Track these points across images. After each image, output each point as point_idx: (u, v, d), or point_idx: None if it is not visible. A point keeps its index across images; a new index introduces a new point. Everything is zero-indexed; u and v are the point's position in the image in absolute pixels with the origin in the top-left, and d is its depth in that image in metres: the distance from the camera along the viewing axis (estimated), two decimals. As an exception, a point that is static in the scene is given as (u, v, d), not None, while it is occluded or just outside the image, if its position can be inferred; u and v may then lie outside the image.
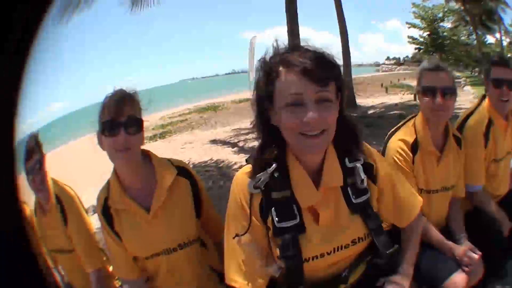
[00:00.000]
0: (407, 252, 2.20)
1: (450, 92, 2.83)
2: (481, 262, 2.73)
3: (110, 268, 2.90)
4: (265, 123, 1.88)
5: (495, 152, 3.38)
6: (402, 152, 2.90)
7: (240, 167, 2.04)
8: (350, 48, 18.93)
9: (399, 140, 2.95)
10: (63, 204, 2.87)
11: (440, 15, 40.82)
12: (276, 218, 1.85)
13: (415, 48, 44.05)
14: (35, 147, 2.80)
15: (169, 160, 2.57)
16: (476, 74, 38.88)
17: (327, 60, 1.77)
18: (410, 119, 3.11)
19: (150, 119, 24.06)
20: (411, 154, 2.91)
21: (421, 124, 2.96)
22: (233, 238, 1.90)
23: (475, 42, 39.81)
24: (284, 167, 1.88)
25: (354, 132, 1.99)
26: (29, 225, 2.97)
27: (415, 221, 2.22)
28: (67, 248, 2.94)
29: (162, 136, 18.35)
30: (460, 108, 3.57)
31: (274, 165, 1.84)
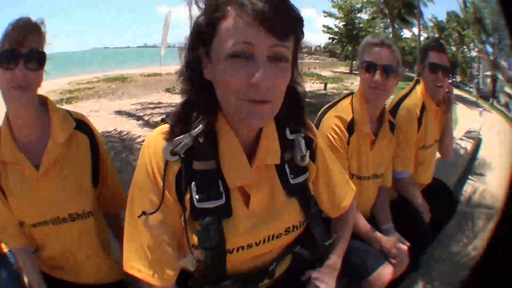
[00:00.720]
0: (336, 244, 1.91)
1: (391, 70, 2.67)
2: (408, 254, 2.70)
3: None
4: (195, 75, 1.44)
5: (425, 139, 3.36)
6: (337, 130, 2.70)
7: (144, 141, 1.56)
8: None
9: (335, 117, 2.74)
10: None
11: (359, 6, 41.62)
12: (196, 196, 1.43)
13: (329, 38, 44.65)
14: None
15: (68, 111, 2.21)
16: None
17: (289, 7, 1.33)
18: (346, 96, 2.93)
19: (58, 82, 23.41)
20: (347, 134, 2.72)
21: (358, 103, 2.79)
22: (139, 216, 1.46)
23: (390, 35, 40.70)
24: (213, 133, 1.47)
25: (300, 101, 1.61)
26: None
27: (348, 211, 1.93)
28: None
29: (68, 101, 17.88)
30: None
31: (200, 126, 1.41)
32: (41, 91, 2.09)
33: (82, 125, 2.20)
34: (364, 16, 42.82)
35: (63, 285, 2.25)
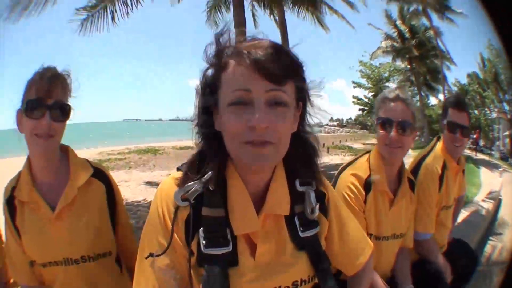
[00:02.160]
0: None
1: (407, 126, 2.57)
2: None
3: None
4: (206, 126, 1.50)
5: (447, 199, 3.23)
6: (354, 189, 2.62)
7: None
8: None
9: (351, 175, 2.67)
10: None
11: (386, 74, 42.00)
12: (204, 242, 1.43)
13: (359, 109, 45.01)
14: None
15: (87, 160, 2.33)
16: (417, 137, 40.23)
17: (285, 53, 1.41)
18: (364, 154, 2.87)
19: (89, 152, 23.79)
20: (363, 192, 2.62)
21: (375, 160, 2.72)
22: (146, 258, 1.49)
23: (418, 104, 40.92)
24: (222, 181, 1.50)
25: (311, 153, 1.63)
26: None
27: (364, 269, 1.84)
28: None
29: (98, 170, 17.95)
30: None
31: (210, 173, 1.46)
32: None
33: (100, 173, 2.28)
34: (392, 84, 43.14)
35: None
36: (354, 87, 43.54)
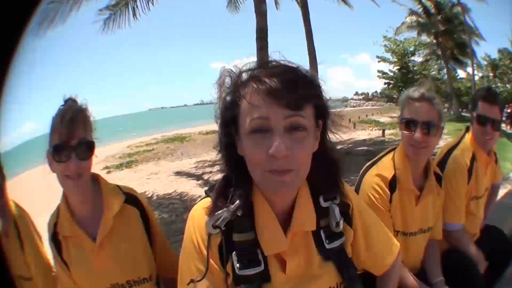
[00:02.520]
0: None
1: (431, 126, 2.54)
2: None
3: None
4: (230, 153, 1.56)
5: (477, 189, 3.19)
6: (378, 189, 2.64)
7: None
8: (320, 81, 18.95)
9: (376, 176, 2.69)
10: (19, 230, 2.53)
11: (412, 49, 41.26)
12: (237, 264, 1.53)
13: (385, 83, 44.36)
14: None
15: (118, 186, 2.38)
16: (446, 109, 39.63)
17: (302, 78, 1.45)
18: (388, 152, 2.86)
19: (117, 147, 23.95)
20: (388, 192, 2.65)
21: (400, 159, 2.71)
22: (187, 284, 1.57)
23: (445, 77, 40.23)
24: (249, 206, 1.56)
25: (335, 169, 1.68)
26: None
27: (392, 268, 1.94)
28: (26, 275, 2.58)
29: (128, 165, 18.18)
30: None
31: (237, 202, 1.52)
32: (101, 156, 2.20)
33: (131, 198, 2.34)
34: (418, 59, 42.44)
35: None
36: (379, 61, 42.86)
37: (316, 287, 1.63)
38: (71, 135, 2.06)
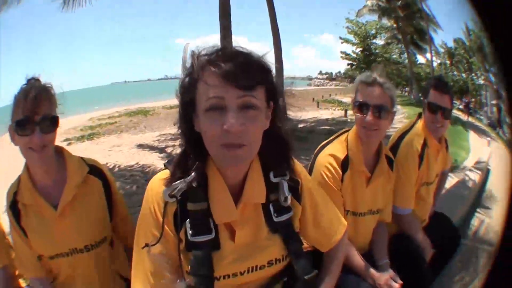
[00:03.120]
0: (325, 279, 2.05)
1: (383, 110, 2.62)
2: None
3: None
4: (188, 129, 1.70)
5: (427, 175, 3.29)
6: (331, 168, 2.71)
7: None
8: (283, 60, 18.90)
9: (329, 155, 2.76)
10: None
11: (373, 32, 41.53)
12: (190, 231, 1.69)
13: (348, 64, 44.54)
14: None
15: (82, 158, 2.50)
16: (406, 93, 39.79)
17: (254, 63, 1.58)
18: (342, 133, 2.92)
19: (79, 119, 23.60)
20: (340, 172, 2.73)
21: (353, 140, 2.78)
22: (142, 248, 1.74)
23: (406, 61, 40.54)
24: (204, 178, 1.72)
25: (285, 146, 1.83)
26: None
27: (337, 246, 2.09)
28: None
29: (90, 137, 18.08)
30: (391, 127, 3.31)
31: (193, 174, 1.67)
32: (62, 128, 2.27)
33: (95, 169, 2.48)
34: (380, 41, 42.73)
35: None
36: (342, 42, 43.07)
37: (262, 257, 1.79)
38: (35, 111, 2.13)
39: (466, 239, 4.14)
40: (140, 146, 14.59)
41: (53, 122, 2.23)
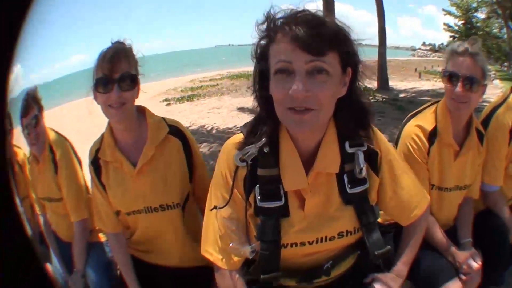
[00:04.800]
0: (404, 252, 2.02)
1: (473, 82, 2.49)
2: (480, 272, 2.52)
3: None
4: (261, 92, 1.69)
5: None
6: (417, 140, 2.62)
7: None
8: (388, 30, 18.48)
9: (416, 126, 2.66)
10: (55, 154, 2.93)
11: (475, 5, 39.94)
12: (259, 197, 1.72)
13: (450, 36, 43.12)
14: (31, 103, 2.85)
15: (163, 118, 2.55)
16: (505, 68, 37.96)
17: (328, 27, 1.52)
18: (432, 104, 2.80)
19: (180, 81, 23.90)
20: (427, 144, 2.62)
21: (442, 112, 2.66)
22: (211, 210, 1.83)
23: (505, 36, 38.68)
24: (276, 144, 1.72)
25: (362, 115, 1.77)
26: (21, 170, 3.15)
27: (418, 221, 2.01)
28: (55, 196, 3.00)
29: (189, 98, 18.24)
30: (487, 101, 3.22)
31: (264, 139, 1.67)
32: (162, 89, 2.39)
33: (176, 130, 2.51)
34: (481, 15, 41.06)
35: (151, 267, 2.61)
36: (445, 14, 41.72)
37: (332, 228, 1.78)
38: (113, 69, 2.22)
39: None
40: (240, 109, 14.62)
41: (132, 80, 2.30)
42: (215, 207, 1.81)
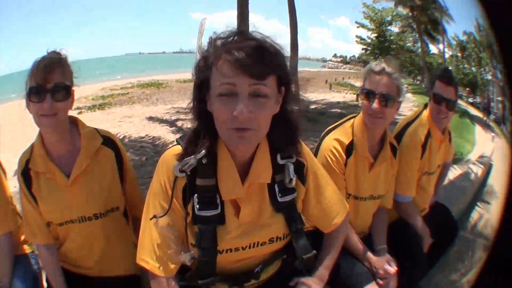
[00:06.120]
0: (325, 257, 2.16)
1: (389, 99, 2.64)
2: (396, 277, 2.66)
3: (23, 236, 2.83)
4: (200, 108, 1.77)
5: (429, 165, 3.33)
6: (335, 153, 2.74)
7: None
8: (298, 40, 18.76)
9: (334, 140, 2.78)
10: None
11: (389, 18, 41.27)
12: (197, 206, 1.81)
13: (362, 49, 44.23)
14: None
15: (96, 129, 2.58)
16: (418, 82, 39.54)
17: (268, 52, 1.62)
18: (349, 119, 2.94)
19: (91, 89, 23.58)
20: (344, 156, 2.76)
21: (359, 126, 2.80)
22: (151, 219, 1.86)
23: (419, 50, 40.32)
24: (214, 155, 1.81)
25: (293, 130, 1.90)
26: None
27: (338, 228, 2.18)
28: None
29: (101, 107, 18.21)
30: (400, 115, 3.33)
31: (203, 151, 1.76)
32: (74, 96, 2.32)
33: (108, 141, 2.56)
34: (395, 29, 42.53)
35: (81, 278, 2.61)
36: (358, 27, 42.80)
37: (264, 234, 1.91)
38: (47, 79, 2.22)
39: (464, 231, 4.17)
40: (151, 118, 14.62)
41: (65, 90, 2.30)
42: (154, 216, 1.84)
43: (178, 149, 1.85)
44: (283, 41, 1.69)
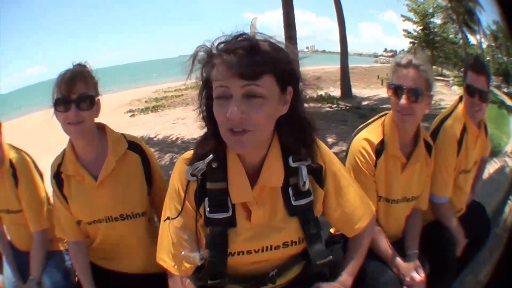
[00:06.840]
0: (349, 262, 2.15)
1: (418, 93, 2.53)
2: (424, 284, 2.58)
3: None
4: (208, 112, 1.83)
5: (466, 163, 3.15)
6: (364, 153, 2.68)
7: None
8: (350, 36, 18.39)
9: (363, 140, 2.72)
10: (15, 168, 3.04)
11: (430, 10, 40.43)
12: (208, 208, 1.87)
13: (410, 42, 43.45)
14: None
15: (123, 134, 2.76)
16: (462, 74, 38.56)
17: (260, 51, 1.63)
18: (381, 116, 2.84)
19: (144, 91, 23.76)
20: (374, 157, 2.69)
21: (390, 124, 2.71)
22: (164, 220, 2.00)
23: (460, 41, 39.31)
24: (224, 159, 1.87)
25: (305, 131, 1.89)
26: None
27: (362, 233, 2.16)
28: (14, 208, 3.11)
29: (154, 109, 18.35)
30: (445, 108, 3.29)
31: (211, 156, 1.81)
32: (125, 100, 2.52)
33: (134, 146, 2.73)
34: (438, 21, 41.58)
35: (111, 274, 2.82)
36: (403, 20, 42.10)
37: (277, 238, 1.93)
38: (71, 90, 2.39)
39: (497, 228, 3.92)
40: (205, 120, 14.49)
41: (89, 100, 2.47)
42: (168, 218, 1.97)
43: (190, 153, 1.95)
44: (334, 38, 1.69)
